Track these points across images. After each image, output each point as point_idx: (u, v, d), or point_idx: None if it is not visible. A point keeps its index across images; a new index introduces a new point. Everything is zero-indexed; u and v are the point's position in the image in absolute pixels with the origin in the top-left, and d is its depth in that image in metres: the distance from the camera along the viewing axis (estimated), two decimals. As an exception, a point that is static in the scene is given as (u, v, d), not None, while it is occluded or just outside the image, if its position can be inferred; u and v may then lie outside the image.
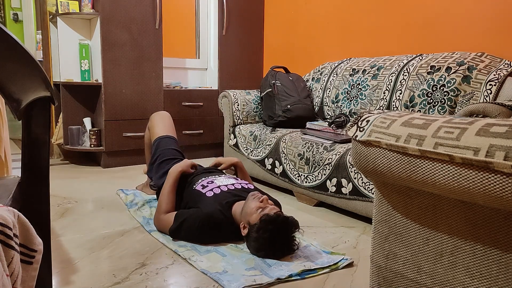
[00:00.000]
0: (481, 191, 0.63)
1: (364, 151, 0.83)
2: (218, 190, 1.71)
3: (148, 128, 2.23)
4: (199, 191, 1.74)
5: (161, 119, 2.20)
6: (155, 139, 2.11)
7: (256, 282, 1.30)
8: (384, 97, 2.34)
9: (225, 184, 1.76)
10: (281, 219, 1.45)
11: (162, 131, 2.14)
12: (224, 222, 1.60)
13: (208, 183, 1.77)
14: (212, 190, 1.72)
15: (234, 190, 1.73)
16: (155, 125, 2.18)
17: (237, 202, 1.66)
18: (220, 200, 1.65)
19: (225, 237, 1.64)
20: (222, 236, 1.64)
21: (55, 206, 2.09)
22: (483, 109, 1.11)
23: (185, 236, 1.62)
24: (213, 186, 1.74)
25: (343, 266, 1.45)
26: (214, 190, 1.71)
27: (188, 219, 1.61)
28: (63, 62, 3.05)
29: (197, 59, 3.72)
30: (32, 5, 4.34)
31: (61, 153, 3.42)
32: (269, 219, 1.44)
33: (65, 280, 1.32)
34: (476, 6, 2.19)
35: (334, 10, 3.05)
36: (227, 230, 1.63)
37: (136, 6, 2.99)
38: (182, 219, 1.62)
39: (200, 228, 1.58)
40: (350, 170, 1.91)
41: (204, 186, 1.76)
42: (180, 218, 1.63)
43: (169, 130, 2.17)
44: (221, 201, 1.65)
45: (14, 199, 0.83)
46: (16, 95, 0.85)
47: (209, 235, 1.61)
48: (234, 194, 1.70)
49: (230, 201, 1.66)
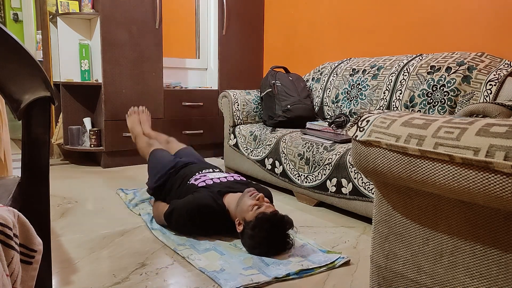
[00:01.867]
0: (481, 191, 0.63)
1: (364, 151, 0.83)
2: (211, 182, 1.77)
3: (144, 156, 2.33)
4: (192, 184, 1.80)
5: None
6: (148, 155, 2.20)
7: (253, 281, 1.31)
8: (384, 97, 2.34)
9: (217, 177, 1.82)
10: (277, 218, 1.47)
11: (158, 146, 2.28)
12: (215, 209, 1.62)
13: (200, 177, 1.83)
14: (204, 181, 1.77)
15: (226, 182, 1.78)
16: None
17: (230, 192, 1.69)
18: (212, 189, 1.70)
19: (217, 225, 1.66)
20: (214, 223, 1.65)
21: (55, 206, 2.09)
22: (483, 109, 1.11)
23: (177, 220, 1.65)
24: (205, 178, 1.80)
25: (339, 264, 1.46)
26: (206, 181, 1.77)
27: (180, 203, 1.66)
28: (63, 62, 3.05)
29: (197, 59, 3.72)
30: (32, 5, 4.34)
31: (61, 153, 3.42)
32: (265, 217, 1.46)
33: (65, 280, 1.32)
34: (476, 6, 2.19)
35: (334, 10, 3.05)
36: (219, 217, 1.64)
37: (136, 6, 2.99)
38: (175, 204, 1.67)
39: (191, 213, 1.61)
40: (350, 170, 1.91)
41: (196, 179, 1.81)
42: (173, 204, 1.69)
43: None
44: (213, 189, 1.69)
45: (14, 199, 0.83)
46: (16, 95, 0.85)
47: (200, 221, 1.62)
48: (226, 186, 1.74)
49: (223, 191, 1.69)
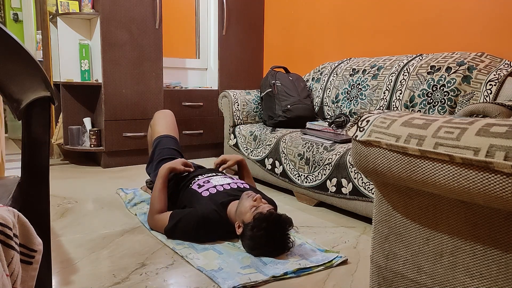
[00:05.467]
0: (481, 191, 0.63)
1: (364, 151, 0.83)
2: (214, 190, 1.72)
3: (150, 126, 2.24)
4: (194, 191, 1.75)
5: (163, 118, 2.20)
6: (156, 138, 2.12)
7: (251, 280, 1.31)
8: (384, 97, 2.34)
9: (220, 183, 1.77)
10: (274, 216, 1.46)
11: (163, 130, 2.14)
12: (219, 222, 1.61)
13: (204, 183, 1.78)
14: (208, 190, 1.72)
15: (230, 190, 1.74)
16: (157, 123, 2.18)
17: (232, 201, 1.67)
18: (216, 200, 1.66)
19: (220, 236, 1.65)
20: (217, 236, 1.64)
21: (55, 206, 2.09)
22: (483, 109, 1.11)
23: (180, 236, 1.62)
24: (209, 185, 1.75)
25: (337, 263, 1.46)
26: (210, 190, 1.72)
27: (183, 219, 1.62)
28: (63, 62, 3.05)
29: (197, 59, 3.72)
30: (32, 5, 4.34)
31: (61, 153, 3.42)
32: (263, 217, 1.45)
33: (65, 280, 1.32)
34: (476, 6, 2.19)
35: (334, 10, 3.05)
36: (223, 230, 1.63)
37: (136, 6, 2.99)
38: (177, 219, 1.63)
39: (196, 228, 1.59)
40: (350, 170, 1.91)
41: (200, 186, 1.77)
42: (175, 218, 1.64)
43: (170, 129, 2.16)
44: (217, 201, 1.65)
45: (14, 199, 0.83)
46: (16, 95, 0.85)
47: (204, 235, 1.61)
48: (230, 194, 1.70)
49: (225, 201, 1.66)
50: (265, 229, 1.44)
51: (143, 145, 3.09)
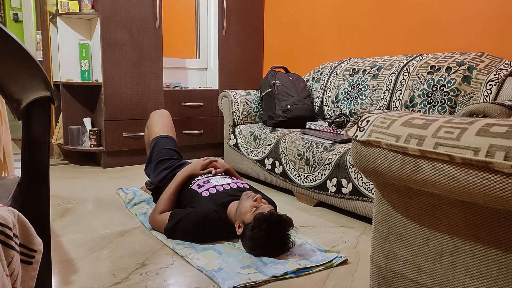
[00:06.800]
0: (481, 191, 0.63)
1: (364, 151, 0.82)
2: (214, 190, 1.72)
3: (147, 127, 2.23)
4: (194, 191, 1.75)
5: (160, 118, 2.19)
6: (153, 139, 2.11)
7: (251, 280, 1.31)
8: (384, 97, 2.34)
9: (220, 184, 1.77)
10: (274, 217, 1.46)
11: (160, 131, 2.13)
12: (219, 222, 1.61)
13: (204, 183, 1.78)
14: (207, 190, 1.72)
15: (230, 190, 1.74)
16: (153, 123, 2.17)
17: (232, 202, 1.67)
18: (216, 200, 1.66)
19: (220, 236, 1.65)
20: (217, 236, 1.64)
21: (55, 206, 2.09)
22: (483, 109, 1.11)
23: (180, 236, 1.62)
24: (209, 186, 1.75)
25: (337, 263, 1.46)
26: (210, 190, 1.72)
27: (183, 219, 1.62)
28: (63, 62, 3.05)
29: (197, 59, 3.72)
30: (32, 5, 4.34)
31: (61, 153, 3.42)
32: (263, 217, 1.45)
33: (65, 280, 1.32)
34: (476, 6, 2.19)
35: (334, 10, 3.05)
36: (223, 230, 1.63)
37: (136, 6, 2.99)
38: (177, 218, 1.63)
39: (196, 228, 1.59)
40: (350, 170, 1.91)
41: (200, 186, 1.77)
42: (175, 217, 1.64)
43: (167, 129, 2.16)
44: (217, 201, 1.65)
45: (14, 199, 0.83)
46: (16, 95, 0.85)
47: (204, 235, 1.61)
48: (230, 194, 1.70)
49: (225, 202, 1.66)
50: (265, 230, 1.44)
51: (143, 145, 3.09)
